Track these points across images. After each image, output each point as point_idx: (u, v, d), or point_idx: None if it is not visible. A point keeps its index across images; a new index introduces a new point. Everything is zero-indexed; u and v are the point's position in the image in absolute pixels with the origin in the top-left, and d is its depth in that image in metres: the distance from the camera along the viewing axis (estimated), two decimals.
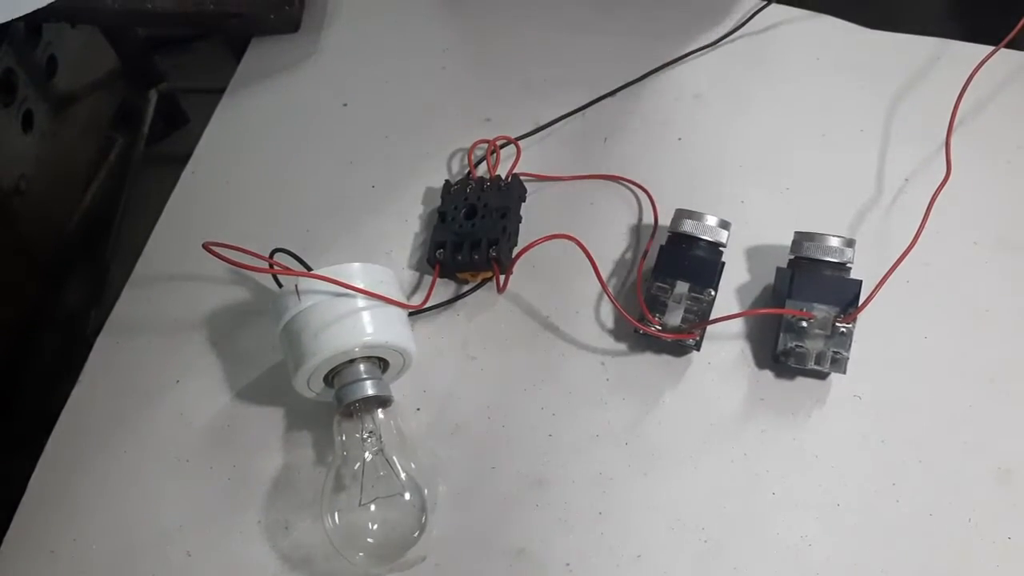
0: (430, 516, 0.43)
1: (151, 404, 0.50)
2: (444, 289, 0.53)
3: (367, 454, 0.43)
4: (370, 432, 0.43)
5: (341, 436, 0.44)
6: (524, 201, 0.55)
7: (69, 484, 0.48)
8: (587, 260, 0.49)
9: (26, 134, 0.55)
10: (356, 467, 0.43)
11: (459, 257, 0.51)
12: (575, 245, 0.49)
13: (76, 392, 0.50)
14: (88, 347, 0.52)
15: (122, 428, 0.49)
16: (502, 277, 0.51)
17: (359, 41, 0.65)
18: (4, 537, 0.46)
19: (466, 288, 0.52)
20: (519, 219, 0.54)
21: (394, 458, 0.43)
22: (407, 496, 0.43)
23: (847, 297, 0.47)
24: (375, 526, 0.43)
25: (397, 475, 0.43)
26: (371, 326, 0.44)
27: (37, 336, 0.56)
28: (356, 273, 0.45)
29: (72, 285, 0.58)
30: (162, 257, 0.55)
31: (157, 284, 0.54)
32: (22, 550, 0.46)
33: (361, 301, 0.45)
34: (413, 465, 0.44)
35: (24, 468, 0.48)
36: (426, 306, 0.50)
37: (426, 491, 0.43)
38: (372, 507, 0.42)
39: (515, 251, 0.52)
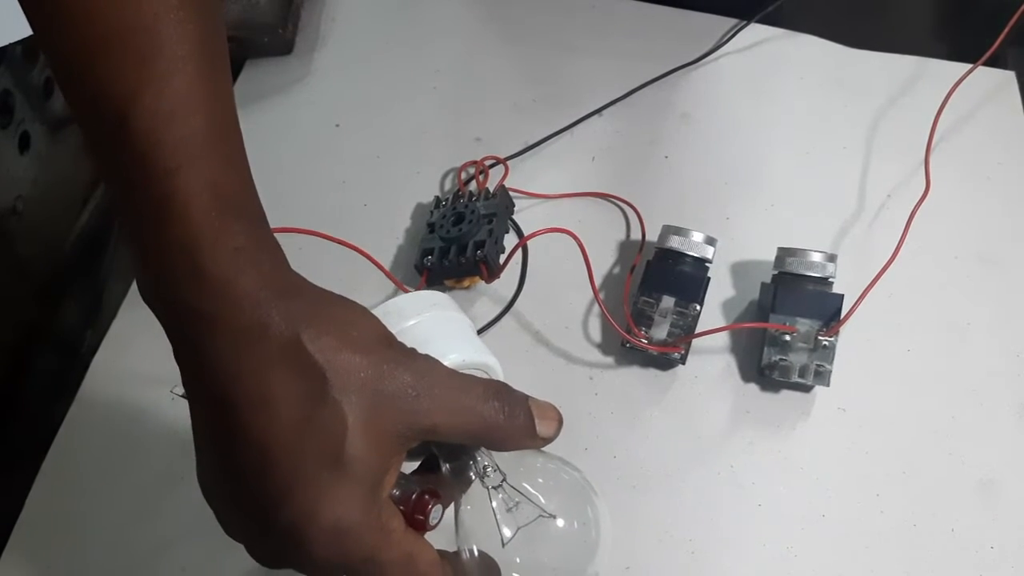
0: None
1: (148, 421, 0.50)
2: None
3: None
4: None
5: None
6: (511, 213, 0.55)
7: (66, 500, 0.48)
8: (576, 274, 0.50)
9: (23, 155, 0.56)
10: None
11: (446, 262, 0.52)
12: (565, 262, 0.50)
13: (73, 410, 0.51)
14: (85, 366, 0.52)
15: (119, 445, 0.50)
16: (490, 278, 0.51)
17: (351, 63, 0.66)
18: (2, 553, 0.47)
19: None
20: (506, 226, 0.54)
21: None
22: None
23: (829, 311, 0.48)
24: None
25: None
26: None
27: (34, 355, 0.56)
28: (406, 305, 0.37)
29: (69, 304, 0.59)
30: None
31: None
32: (20, 566, 0.46)
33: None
34: None
35: (22, 484, 0.49)
36: None
37: None
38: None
39: (506, 255, 0.53)
